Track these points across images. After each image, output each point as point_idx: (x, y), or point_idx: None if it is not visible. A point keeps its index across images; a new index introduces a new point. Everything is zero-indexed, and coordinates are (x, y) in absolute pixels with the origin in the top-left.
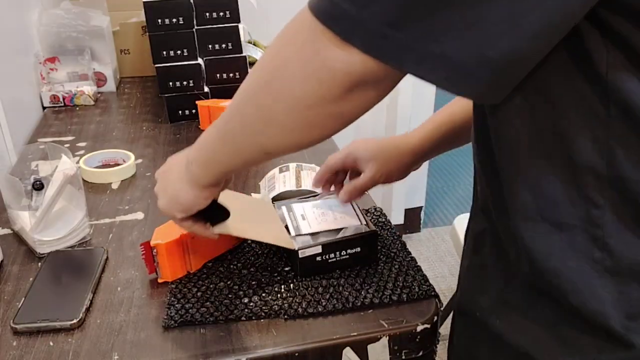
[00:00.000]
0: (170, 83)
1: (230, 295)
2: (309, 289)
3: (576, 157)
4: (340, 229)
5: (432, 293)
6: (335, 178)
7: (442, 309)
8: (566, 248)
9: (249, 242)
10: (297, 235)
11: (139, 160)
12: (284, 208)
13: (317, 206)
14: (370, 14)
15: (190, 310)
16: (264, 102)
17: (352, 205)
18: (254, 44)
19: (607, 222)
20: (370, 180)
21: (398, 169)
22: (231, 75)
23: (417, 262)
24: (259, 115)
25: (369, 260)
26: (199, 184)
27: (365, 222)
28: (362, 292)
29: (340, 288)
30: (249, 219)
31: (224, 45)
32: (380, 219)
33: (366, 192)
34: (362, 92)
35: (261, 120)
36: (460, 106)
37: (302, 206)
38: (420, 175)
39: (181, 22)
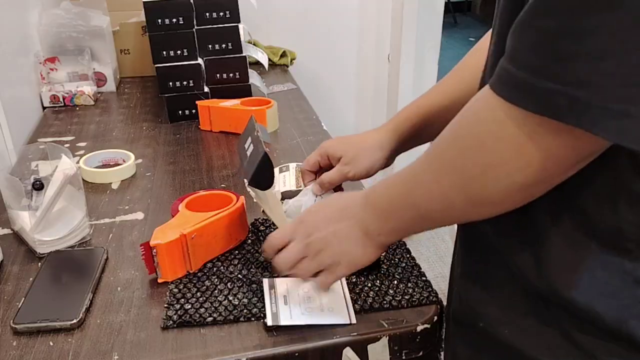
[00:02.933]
0: (170, 83)
1: (229, 297)
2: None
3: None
4: None
5: (434, 299)
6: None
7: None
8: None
9: (249, 242)
10: None
11: (139, 160)
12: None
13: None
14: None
15: (189, 310)
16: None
17: None
18: (254, 44)
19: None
20: (338, 174)
21: (365, 164)
22: (231, 75)
23: (420, 268)
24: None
25: (372, 267)
26: (384, 247)
27: None
28: (362, 295)
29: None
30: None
31: (224, 45)
32: None
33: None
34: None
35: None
36: (427, 99)
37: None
38: None
39: (181, 22)
